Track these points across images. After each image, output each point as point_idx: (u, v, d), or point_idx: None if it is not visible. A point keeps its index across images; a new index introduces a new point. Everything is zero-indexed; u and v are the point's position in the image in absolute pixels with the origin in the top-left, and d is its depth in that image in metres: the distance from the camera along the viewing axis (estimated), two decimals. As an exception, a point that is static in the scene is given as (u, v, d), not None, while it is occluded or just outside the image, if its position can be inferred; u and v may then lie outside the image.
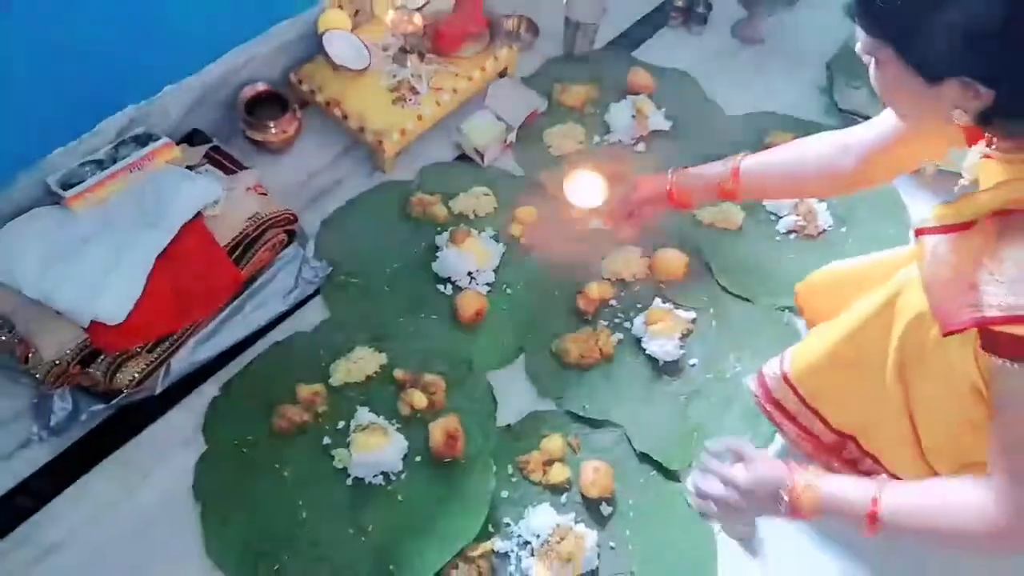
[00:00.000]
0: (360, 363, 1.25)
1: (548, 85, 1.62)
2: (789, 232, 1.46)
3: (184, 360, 1.22)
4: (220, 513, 1.12)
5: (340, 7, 1.52)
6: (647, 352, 1.29)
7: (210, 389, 1.24)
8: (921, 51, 0.76)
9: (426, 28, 1.52)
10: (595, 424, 1.23)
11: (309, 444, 1.18)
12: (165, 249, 1.17)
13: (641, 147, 1.56)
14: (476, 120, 1.51)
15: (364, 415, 1.20)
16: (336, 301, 1.34)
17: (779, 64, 1.71)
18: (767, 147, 1.52)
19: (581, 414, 1.24)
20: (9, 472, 1.14)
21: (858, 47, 0.83)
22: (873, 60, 0.82)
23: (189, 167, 1.31)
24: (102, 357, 1.15)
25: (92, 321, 1.12)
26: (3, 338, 1.17)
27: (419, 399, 1.22)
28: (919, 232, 0.84)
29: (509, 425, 1.23)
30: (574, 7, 1.62)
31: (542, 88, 1.60)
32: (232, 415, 1.21)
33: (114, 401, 1.17)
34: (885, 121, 1.04)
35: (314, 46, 1.50)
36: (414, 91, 1.49)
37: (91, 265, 1.14)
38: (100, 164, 1.27)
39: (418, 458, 1.18)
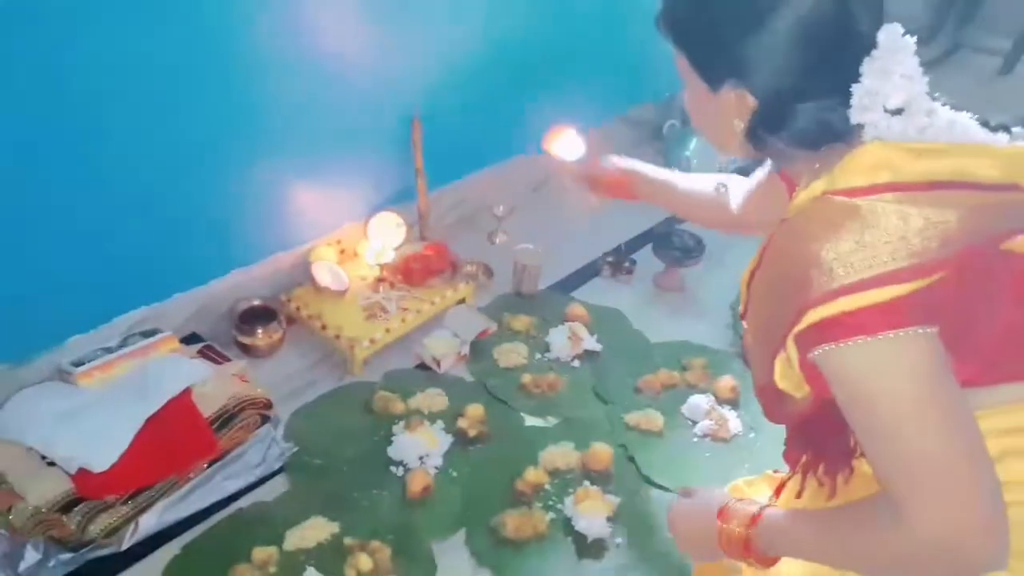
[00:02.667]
0: (313, 530, 1.37)
1: (499, 314, 1.92)
2: (705, 435, 1.66)
3: (152, 520, 1.34)
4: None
5: (329, 245, 1.86)
6: (576, 529, 1.43)
7: (172, 549, 1.33)
8: (700, 54, 0.87)
9: (399, 263, 1.85)
10: (527, 593, 1.33)
11: (257, 600, 1.26)
12: (155, 413, 1.36)
13: (576, 363, 1.81)
14: (435, 335, 1.78)
15: (311, 574, 1.29)
16: (297, 477, 1.48)
17: (693, 306, 2.04)
18: (684, 368, 1.82)
19: (513, 581, 1.34)
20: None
21: None
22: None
23: (184, 358, 1.54)
24: (79, 507, 1.27)
25: (79, 468, 1.26)
26: (-9, 490, 1.30)
27: (365, 562, 1.32)
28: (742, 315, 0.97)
29: (447, 590, 1.33)
30: (520, 254, 1.98)
31: (493, 316, 1.90)
32: (189, 572, 1.30)
33: (82, 551, 1.27)
34: (758, 173, 1.20)
35: (304, 272, 1.81)
36: (384, 310, 1.78)
37: (87, 422, 1.31)
38: (109, 350, 1.49)
39: (359, 617, 1.26)
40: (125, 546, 1.31)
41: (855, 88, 0.80)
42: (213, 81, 1.48)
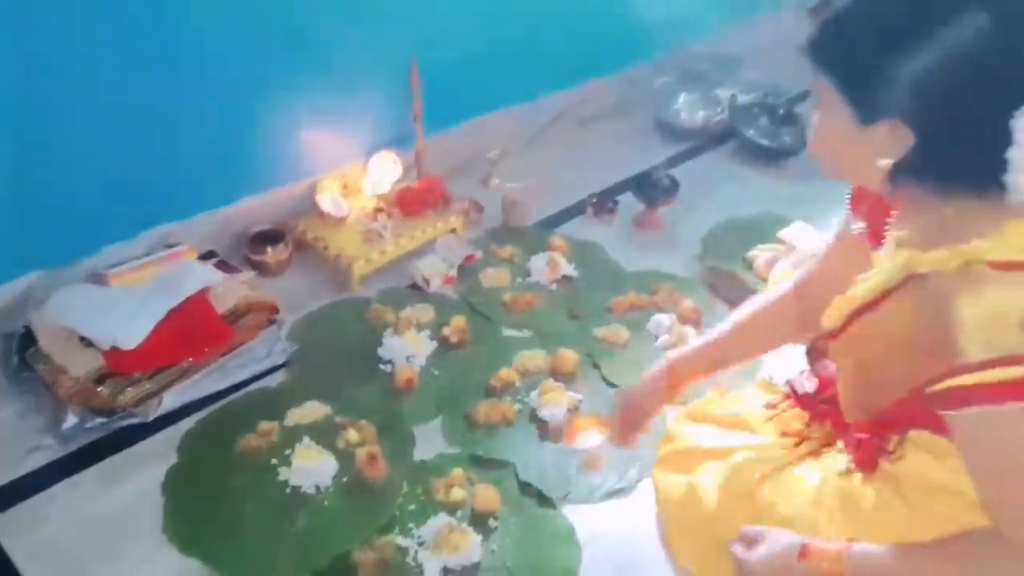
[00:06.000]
0: (309, 411, 1.59)
1: (487, 244, 2.11)
2: (665, 348, 1.85)
3: (174, 397, 1.56)
4: (179, 502, 1.40)
5: (333, 179, 2.07)
6: (540, 416, 1.63)
7: (189, 423, 1.56)
8: (863, 89, 0.80)
9: (395, 195, 2.06)
10: (491, 465, 1.53)
11: (260, 462, 1.48)
12: (176, 306, 1.58)
13: (553, 286, 2.01)
14: (426, 258, 1.99)
15: (307, 441, 1.51)
16: (297, 370, 1.70)
17: (667, 242, 2.22)
18: (653, 293, 2.00)
19: (480, 455, 1.54)
20: (23, 465, 1.45)
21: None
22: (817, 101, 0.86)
23: (202, 269, 1.76)
24: (110, 380, 1.51)
25: (112, 346, 1.49)
26: (42, 368, 1.54)
27: (353, 435, 1.53)
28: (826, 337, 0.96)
29: (423, 460, 1.53)
30: (509, 190, 2.18)
31: (481, 246, 2.10)
32: (203, 439, 1.53)
33: (114, 417, 1.50)
34: (804, 267, 1.20)
35: (310, 202, 2.02)
36: (380, 236, 1.98)
37: (118, 309, 1.54)
38: (137, 257, 1.72)
39: (345, 478, 1.47)
40: (151, 417, 1.54)
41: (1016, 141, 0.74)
42: (239, 21, 1.70)
